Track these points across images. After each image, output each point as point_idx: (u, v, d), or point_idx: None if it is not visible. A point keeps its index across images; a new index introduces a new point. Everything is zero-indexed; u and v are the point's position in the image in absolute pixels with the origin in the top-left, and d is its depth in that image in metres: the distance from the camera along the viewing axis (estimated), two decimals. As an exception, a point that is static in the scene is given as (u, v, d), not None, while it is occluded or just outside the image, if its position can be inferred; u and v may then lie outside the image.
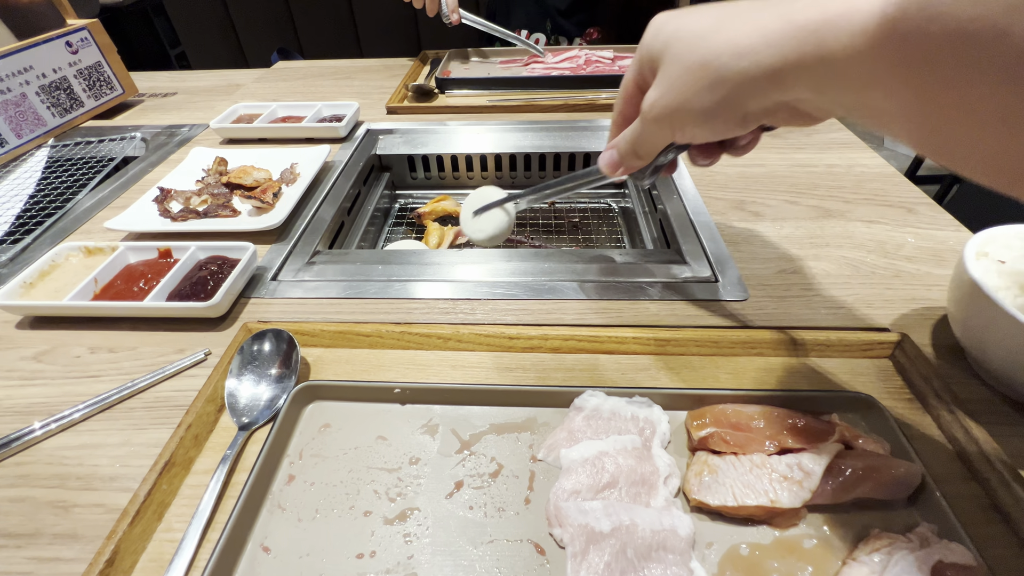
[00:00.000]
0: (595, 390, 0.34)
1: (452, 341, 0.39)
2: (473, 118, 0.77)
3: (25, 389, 0.38)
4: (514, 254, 0.49)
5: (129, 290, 0.44)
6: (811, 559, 0.26)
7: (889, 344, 0.37)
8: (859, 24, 0.18)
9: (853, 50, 0.19)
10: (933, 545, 0.24)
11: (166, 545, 0.28)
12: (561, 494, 0.29)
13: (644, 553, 0.26)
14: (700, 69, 0.23)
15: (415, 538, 0.28)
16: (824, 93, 0.21)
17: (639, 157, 0.31)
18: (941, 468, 0.30)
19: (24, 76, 0.71)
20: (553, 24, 1.04)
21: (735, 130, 0.25)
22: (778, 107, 0.23)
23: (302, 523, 0.29)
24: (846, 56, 0.19)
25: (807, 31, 0.20)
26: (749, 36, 0.22)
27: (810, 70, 0.20)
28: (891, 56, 0.18)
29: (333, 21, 1.98)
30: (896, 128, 0.20)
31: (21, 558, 0.28)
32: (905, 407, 0.34)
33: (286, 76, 0.98)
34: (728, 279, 0.44)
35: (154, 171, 0.66)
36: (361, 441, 0.33)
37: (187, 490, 0.31)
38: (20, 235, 0.56)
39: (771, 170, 0.60)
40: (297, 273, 0.48)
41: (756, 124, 0.25)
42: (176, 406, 0.36)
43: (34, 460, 0.33)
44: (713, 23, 0.23)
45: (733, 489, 0.28)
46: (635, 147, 0.31)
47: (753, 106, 0.23)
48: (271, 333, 0.38)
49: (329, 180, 0.62)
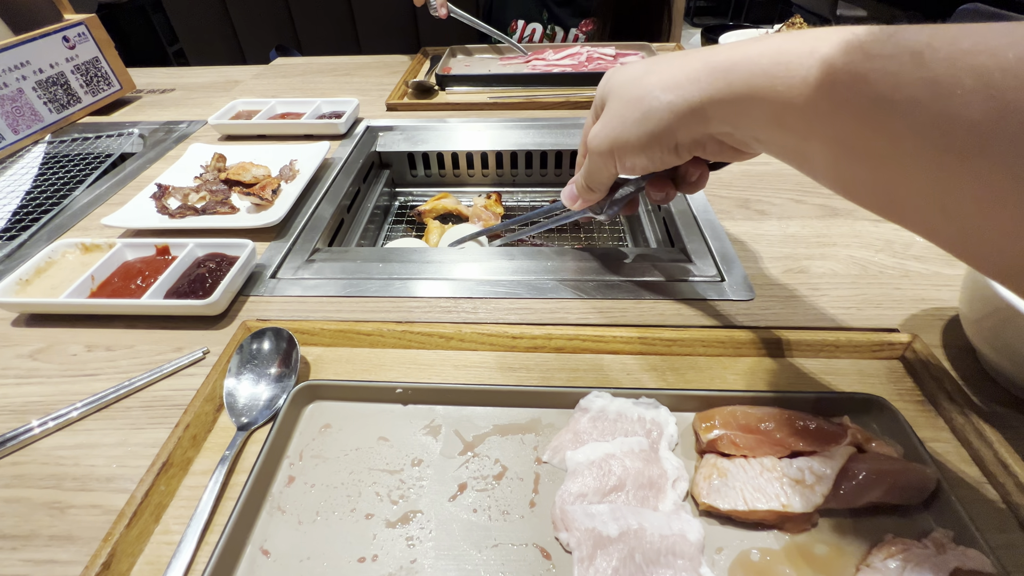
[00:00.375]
0: (601, 391, 0.33)
1: (454, 340, 0.39)
2: (474, 115, 0.76)
3: (21, 388, 0.37)
4: (516, 252, 0.48)
5: (126, 287, 0.43)
6: (824, 565, 0.26)
7: (900, 345, 0.36)
8: (760, 67, 0.22)
9: (753, 89, 0.22)
10: (949, 551, 0.24)
11: (163, 547, 0.28)
12: (567, 497, 0.28)
13: (653, 558, 0.25)
14: (635, 102, 0.27)
15: (418, 541, 0.28)
16: (738, 127, 0.24)
17: (591, 190, 0.35)
18: (955, 472, 0.29)
19: (21, 71, 0.70)
20: (549, 14, 1.03)
21: (671, 159, 0.28)
22: (706, 139, 0.26)
23: (302, 525, 0.28)
24: (748, 95, 0.22)
25: (720, 70, 0.24)
26: (675, 75, 0.25)
27: (723, 105, 0.24)
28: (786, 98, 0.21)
29: (332, 18, 1.97)
30: (802, 164, 0.23)
31: (16, 560, 0.28)
32: (916, 409, 0.33)
33: (285, 72, 0.97)
34: (734, 278, 0.44)
35: (152, 167, 0.66)
36: (362, 442, 0.32)
37: (185, 491, 0.30)
38: (16, 232, 0.55)
39: (776, 168, 0.60)
40: (296, 271, 0.47)
41: (689, 155, 0.28)
42: (174, 405, 0.35)
43: (29, 460, 0.32)
44: (650, 66, 0.28)
45: (743, 493, 0.27)
46: (586, 180, 0.35)
47: (683, 137, 0.26)
48: (270, 332, 0.37)
49: (329, 177, 0.61)
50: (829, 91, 0.19)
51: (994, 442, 0.29)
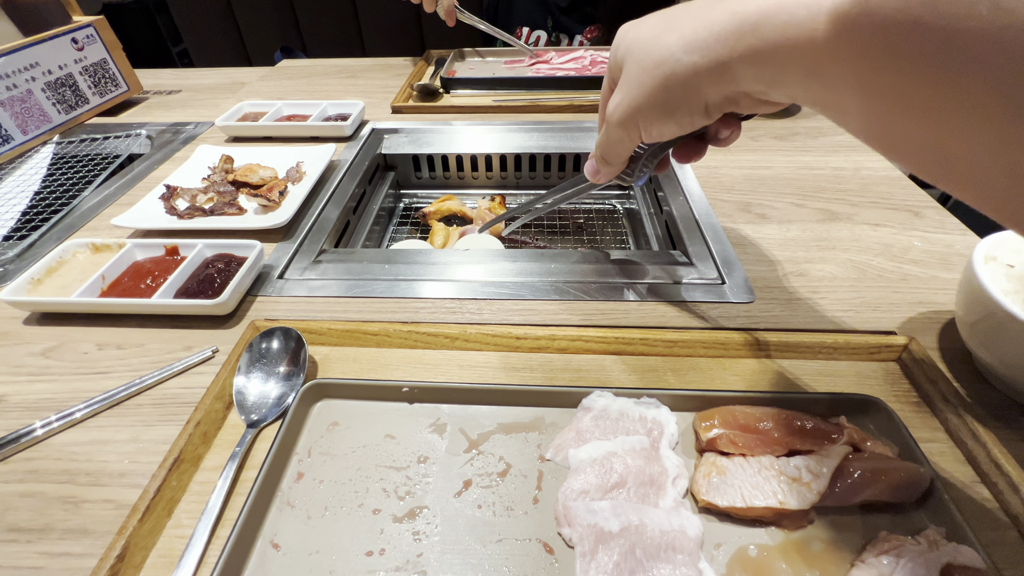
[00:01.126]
0: (603, 390, 0.34)
1: (459, 341, 0.39)
2: (478, 118, 0.77)
3: (34, 385, 0.38)
4: (520, 254, 0.49)
5: (136, 287, 0.44)
6: (819, 561, 0.26)
7: (896, 347, 0.37)
8: (796, 17, 0.19)
9: (789, 41, 0.19)
10: (942, 548, 0.24)
11: (176, 541, 0.29)
12: (570, 494, 0.29)
13: (653, 553, 0.26)
14: (656, 68, 0.24)
15: (424, 536, 0.28)
16: (772, 83, 0.22)
17: (608, 163, 0.32)
18: (949, 471, 0.30)
19: (30, 72, 0.71)
20: (554, 21, 1.04)
21: (701, 121, 0.26)
22: (738, 96, 0.24)
23: (311, 520, 0.29)
24: (786, 47, 0.20)
25: (749, 23, 0.21)
26: (698, 32, 0.23)
27: (754, 61, 0.21)
28: (827, 48, 0.18)
29: (336, 19, 1.98)
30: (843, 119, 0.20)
31: (32, 553, 0.28)
32: (912, 410, 0.34)
33: (291, 74, 0.98)
34: (735, 281, 0.45)
35: (159, 168, 0.66)
36: (369, 439, 0.33)
37: (196, 486, 0.31)
38: (27, 231, 0.56)
39: (777, 172, 0.60)
40: (303, 272, 0.48)
41: (720, 113, 0.25)
42: (184, 403, 0.36)
43: (43, 456, 0.33)
44: (667, 23, 0.25)
45: (742, 490, 0.28)
46: (603, 152, 0.32)
47: (713, 97, 0.24)
48: (280, 331, 0.38)
49: (334, 179, 0.62)
50: (884, 38, 0.16)
51: (987, 442, 0.29)
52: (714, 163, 0.62)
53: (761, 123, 0.71)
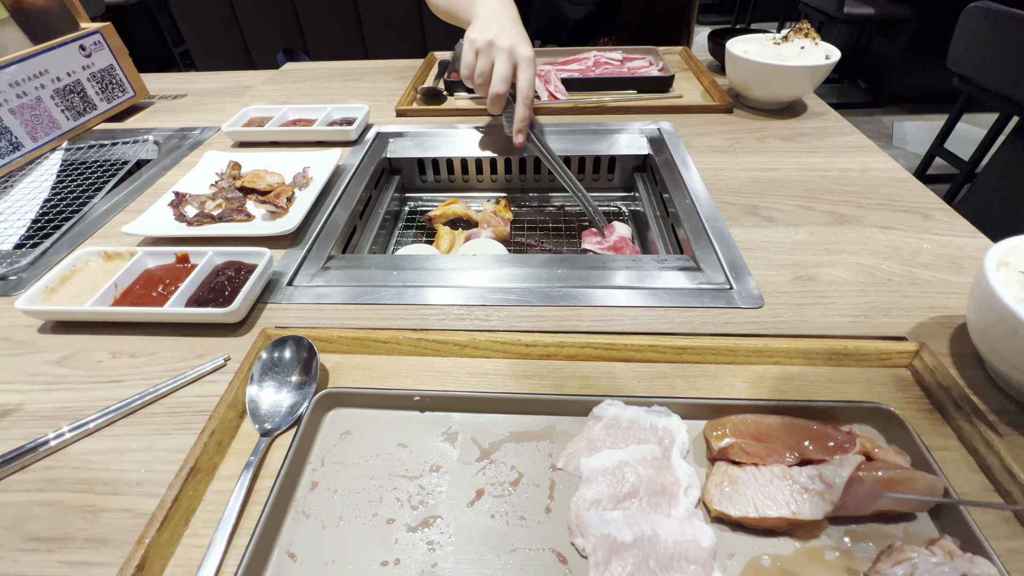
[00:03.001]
0: (614, 399, 0.34)
1: (468, 348, 0.39)
2: (482, 121, 0.77)
3: (50, 393, 0.38)
4: (527, 260, 0.49)
5: (148, 295, 0.44)
6: (833, 571, 0.26)
7: (907, 353, 0.37)
8: None
9: None
10: (957, 559, 0.24)
11: (194, 550, 0.29)
12: (582, 503, 0.29)
13: (666, 564, 0.26)
14: None
15: (438, 546, 0.28)
16: None
17: None
18: (963, 480, 0.30)
19: (39, 80, 0.72)
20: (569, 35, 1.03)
21: None
22: None
23: (326, 530, 0.29)
24: None
25: None
26: None
27: None
28: None
29: (339, 21, 1.98)
30: None
31: (53, 562, 0.29)
32: (924, 418, 0.34)
33: (295, 78, 0.98)
34: (743, 286, 0.44)
35: (168, 175, 0.67)
36: (382, 448, 0.33)
37: (212, 496, 0.32)
38: (38, 239, 0.56)
39: (784, 174, 0.60)
40: (312, 278, 0.48)
41: None
42: (198, 412, 0.36)
43: (61, 465, 0.34)
44: None
45: (754, 500, 0.28)
46: None
47: None
48: (291, 340, 0.38)
49: (341, 184, 0.62)
50: None
51: (1001, 450, 0.29)
52: (720, 165, 0.62)
53: (767, 123, 0.71)
